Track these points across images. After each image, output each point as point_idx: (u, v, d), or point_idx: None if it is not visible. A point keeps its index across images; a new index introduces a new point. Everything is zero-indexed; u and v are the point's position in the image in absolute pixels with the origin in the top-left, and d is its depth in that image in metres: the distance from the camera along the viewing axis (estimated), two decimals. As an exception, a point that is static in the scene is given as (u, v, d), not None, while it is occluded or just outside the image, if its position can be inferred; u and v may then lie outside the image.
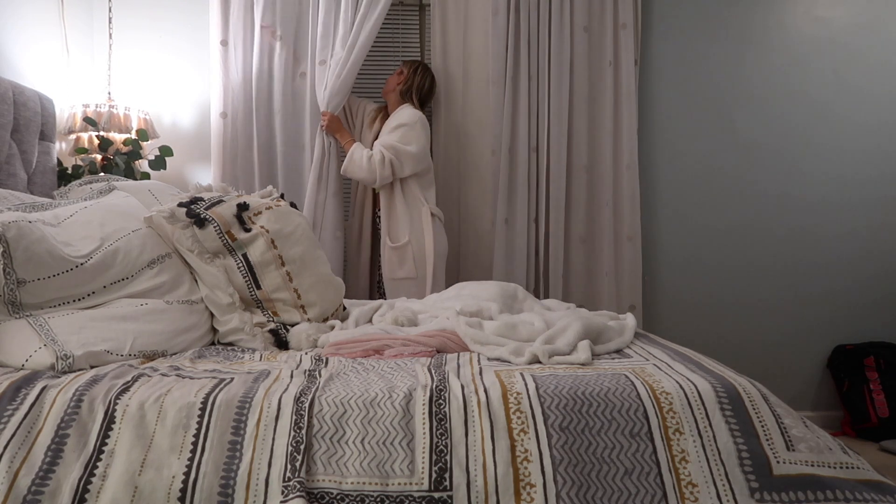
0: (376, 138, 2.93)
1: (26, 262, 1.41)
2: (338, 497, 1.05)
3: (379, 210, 2.92)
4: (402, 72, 2.92)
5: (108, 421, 1.13)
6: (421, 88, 2.91)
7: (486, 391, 1.18)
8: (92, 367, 1.36)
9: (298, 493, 1.02)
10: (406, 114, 2.84)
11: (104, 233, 1.68)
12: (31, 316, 1.44)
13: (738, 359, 3.03)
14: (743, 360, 3.05)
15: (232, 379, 1.26)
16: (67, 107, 2.88)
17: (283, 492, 1.03)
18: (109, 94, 3.00)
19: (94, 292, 1.57)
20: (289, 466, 1.06)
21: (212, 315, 1.81)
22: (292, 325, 1.80)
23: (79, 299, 1.54)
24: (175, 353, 1.59)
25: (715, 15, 3.19)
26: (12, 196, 1.81)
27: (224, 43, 3.04)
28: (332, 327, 1.85)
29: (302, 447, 1.09)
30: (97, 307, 1.56)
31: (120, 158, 2.75)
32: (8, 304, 1.43)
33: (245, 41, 3.06)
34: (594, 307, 3.06)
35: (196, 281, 1.83)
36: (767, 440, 1.12)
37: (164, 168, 2.91)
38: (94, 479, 1.06)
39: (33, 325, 1.41)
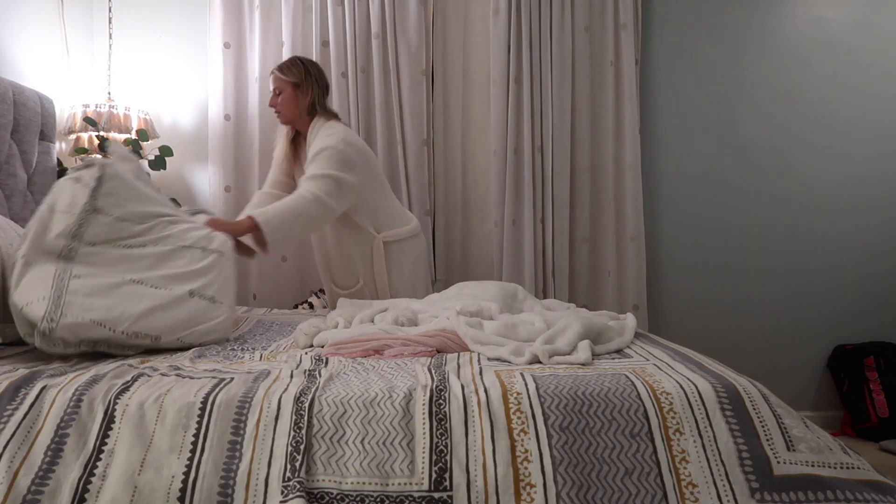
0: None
1: (107, 195, 1.65)
2: (338, 497, 1.05)
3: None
4: (297, 82, 2.38)
5: (108, 421, 1.13)
6: (325, 91, 2.43)
7: (486, 391, 1.18)
8: (78, 340, 1.43)
9: (298, 493, 1.01)
10: (324, 133, 2.33)
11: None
12: (63, 262, 1.52)
13: (738, 358, 3.04)
14: (743, 360, 3.05)
15: (232, 379, 1.26)
16: (67, 107, 2.88)
17: (282, 492, 1.03)
18: (109, 94, 3.00)
19: (144, 244, 1.68)
20: (288, 466, 1.06)
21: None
22: None
23: (127, 244, 1.66)
24: (171, 342, 1.60)
25: (715, 15, 3.19)
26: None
27: (227, 45, 3.05)
28: (336, 325, 1.85)
29: (302, 447, 1.08)
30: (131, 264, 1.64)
31: (120, 158, 2.75)
32: (66, 237, 1.56)
33: (249, 43, 3.07)
34: (597, 307, 3.06)
35: None
36: (768, 440, 1.12)
37: (164, 168, 2.91)
38: (93, 479, 1.06)
39: (55, 275, 1.49)
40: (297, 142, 2.49)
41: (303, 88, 2.37)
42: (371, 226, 2.41)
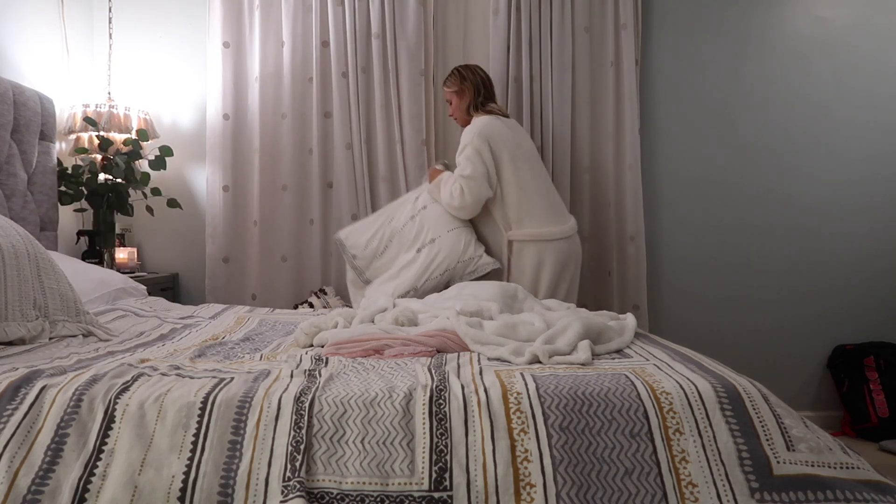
0: None
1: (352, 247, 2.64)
2: (338, 497, 1.05)
3: None
4: (457, 90, 2.67)
5: (108, 420, 1.13)
6: (479, 90, 2.63)
7: (486, 391, 1.18)
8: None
9: (298, 493, 1.01)
10: (465, 133, 2.57)
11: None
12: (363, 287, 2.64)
13: (738, 358, 3.03)
14: (743, 360, 3.05)
15: (232, 379, 1.26)
16: (67, 107, 2.88)
17: (282, 491, 1.03)
18: (109, 94, 3.00)
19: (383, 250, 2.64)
20: (289, 466, 1.06)
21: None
22: None
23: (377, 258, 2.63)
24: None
25: (715, 15, 3.19)
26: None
27: (227, 45, 3.04)
28: (336, 325, 1.85)
29: (302, 447, 1.08)
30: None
31: (120, 158, 2.75)
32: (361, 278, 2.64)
33: (249, 43, 3.07)
34: (597, 307, 3.06)
35: None
36: (767, 440, 1.12)
37: (164, 168, 2.91)
38: (93, 479, 1.06)
39: (367, 295, 2.52)
40: None
41: (461, 94, 2.65)
42: (501, 220, 2.54)
